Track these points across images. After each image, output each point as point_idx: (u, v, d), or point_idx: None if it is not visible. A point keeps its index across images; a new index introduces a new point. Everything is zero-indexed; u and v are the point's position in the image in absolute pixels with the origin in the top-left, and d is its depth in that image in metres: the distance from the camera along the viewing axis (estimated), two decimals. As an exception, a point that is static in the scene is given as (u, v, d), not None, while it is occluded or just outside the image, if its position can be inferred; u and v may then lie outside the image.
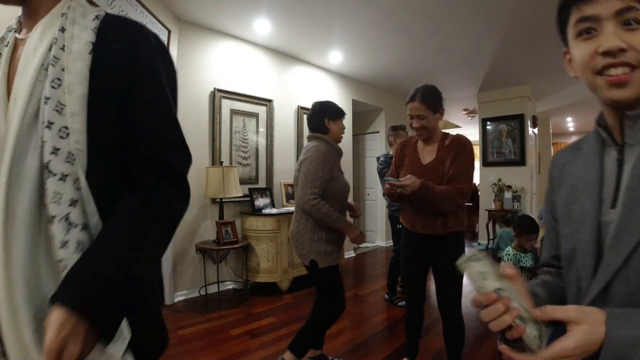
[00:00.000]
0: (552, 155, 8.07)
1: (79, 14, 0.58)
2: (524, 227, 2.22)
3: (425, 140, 1.73)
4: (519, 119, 5.23)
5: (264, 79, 3.74)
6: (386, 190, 1.60)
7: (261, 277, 3.26)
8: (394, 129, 3.09)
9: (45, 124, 0.51)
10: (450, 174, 1.60)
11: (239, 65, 3.52)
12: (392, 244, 3.47)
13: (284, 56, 3.95)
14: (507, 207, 5.04)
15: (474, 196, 6.98)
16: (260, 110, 3.68)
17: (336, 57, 4.05)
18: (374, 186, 5.65)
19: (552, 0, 0.60)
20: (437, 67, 4.41)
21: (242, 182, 3.44)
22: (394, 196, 1.58)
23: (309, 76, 4.26)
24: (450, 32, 3.37)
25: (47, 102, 0.52)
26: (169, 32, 2.84)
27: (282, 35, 3.45)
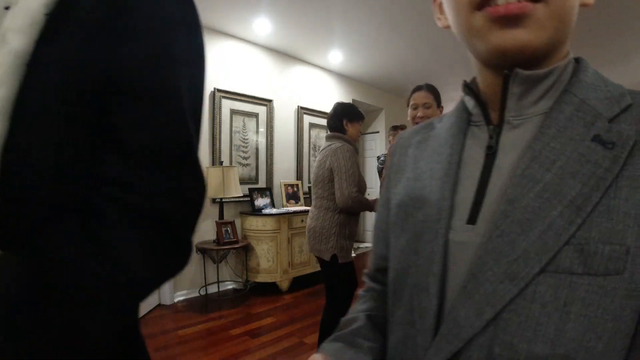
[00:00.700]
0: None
1: None
2: None
3: None
4: (519, 119, 5.21)
5: (264, 78, 3.74)
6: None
7: (261, 277, 3.26)
8: (394, 128, 3.10)
9: None
10: None
11: (239, 65, 3.52)
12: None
13: (284, 56, 3.95)
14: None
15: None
16: (260, 110, 3.68)
17: (336, 57, 4.05)
18: (374, 186, 5.65)
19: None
20: (437, 67, 4.41)
21: (242, 182, 3.44)
22: None
23: (309, 76, 4.26)
24: (450, 32, 3.35)
25: None
26: (169, 32, 2.84)
27: (282, 35, 3.45)
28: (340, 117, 1.93)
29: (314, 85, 4.32)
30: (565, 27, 0.33)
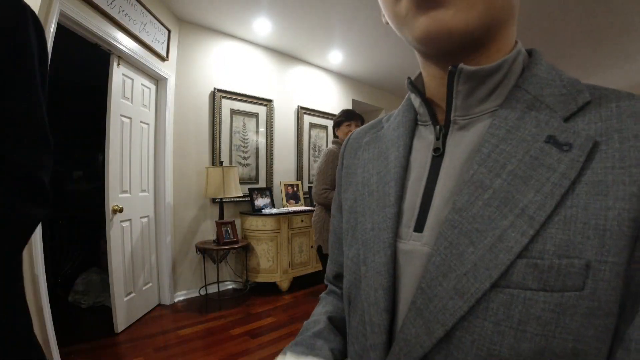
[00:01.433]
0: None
1: None
2: None
3: None
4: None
5: (264, 79, 3.74)
6: None
7: (261, 277, 3.26)
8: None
9: None
10: None
11: (239, 65, 3.52)
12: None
13: (284, 56, 3.95)
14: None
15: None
16: (260, 110, 3.68)
17: (336, 57, 4.05)
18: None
19: (551, 1, 0.59)
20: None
21: (242, 182, 3.44)
22: None
23: (309, 76, 4.25)
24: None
25: None
26: (169, 32, 2.84)
27: (282, 35, 3.45)
28: (333, 125, 2.30)
29: (314, 85, 4.32)
30: (500, 7, 0.29)
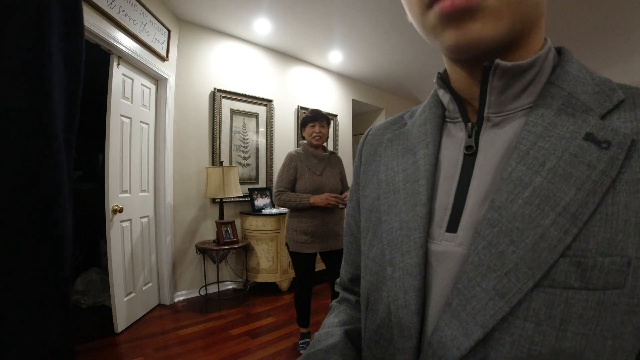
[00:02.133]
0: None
1: None
2: None
3: None
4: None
5: (264, 79, 3.74)
6: None
7: (261, 277, 3.26)
8: None
9: None
10: None
11: (239, 65, 3.52)
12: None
13: (284, 56, 3.95)
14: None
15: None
16: (260, 110, 3.68)
17: (336, 57, 4.05)
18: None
19: (552, 1, 0.59)
20: (437, 67, 4.38)
21: (242, 182, 3.44)
22: None
23: (309, 76, 4.26)
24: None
25: None
26: (169, 32, 2.84)
27: (282, 35, 3.45)
28: (300, 126, 2.35)
29: (313, 85, 4.32)
30: (529, 10, 0.29)
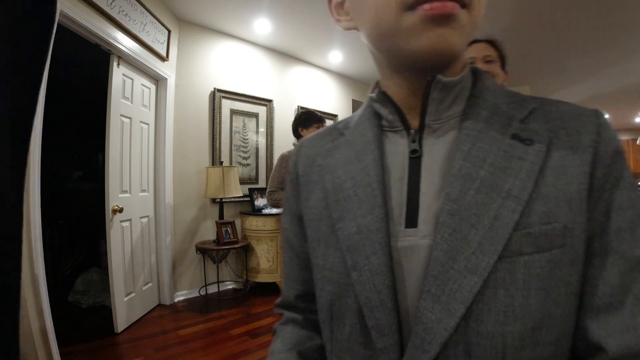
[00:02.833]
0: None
1: None
2: None
3: None
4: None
5: (264, 79, 3.74)
6: None
7: (261, 277, 3.26)
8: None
9: None
10: None
11: (239, 65, 3.52)
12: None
13: (284, 56, 3.95)
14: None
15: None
16: (260, 110, 3.68)
17: (336, 57, 4.05)
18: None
19: (552, 0, 0.59)
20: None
21: (242, 182, 3.44)
22: None
23: (309, 76, 4.25)
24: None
25: None
26: (169, 32, 2.84)
27: (282, 35, 3.45)
28: (296, 125, 2.33)
29: (313, 85, 4.32)
30: (472, 36, 0.34)
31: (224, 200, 3.13)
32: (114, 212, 2.33)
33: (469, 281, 0.31)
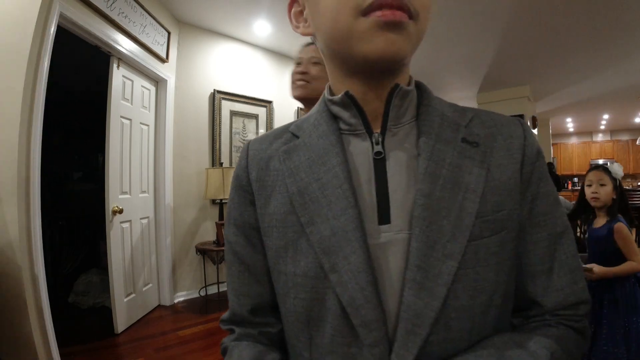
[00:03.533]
0: (551, 156, 7.93)
1: None
2: None
3: None
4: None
5: (264, 80, 3.74)
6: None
7: (261, 278, 3.26)
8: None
9: None
10: None
11: (239, 66, 3.52)
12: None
13: (284, 57, 3.96)
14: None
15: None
16: (260, 111, 3.69)
17: (336, 58, 4.05)
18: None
19: (552, 0, 0.59)
20: (437, 68, 4.41)
21: (242, 183, 3.44)
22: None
23: (308, 77, 4.26)
24: (449, 33, 3.37)
25: None
26: (169, 33, 2.85)
27: (282, 36, 3.46)
28: None
29: (313, 86, 4.32)
30: (417, 46, 0.38)
31: (224, 201, 3.14)
32: (114, 213, 2.33)
33: (447, 266, 0.35)
